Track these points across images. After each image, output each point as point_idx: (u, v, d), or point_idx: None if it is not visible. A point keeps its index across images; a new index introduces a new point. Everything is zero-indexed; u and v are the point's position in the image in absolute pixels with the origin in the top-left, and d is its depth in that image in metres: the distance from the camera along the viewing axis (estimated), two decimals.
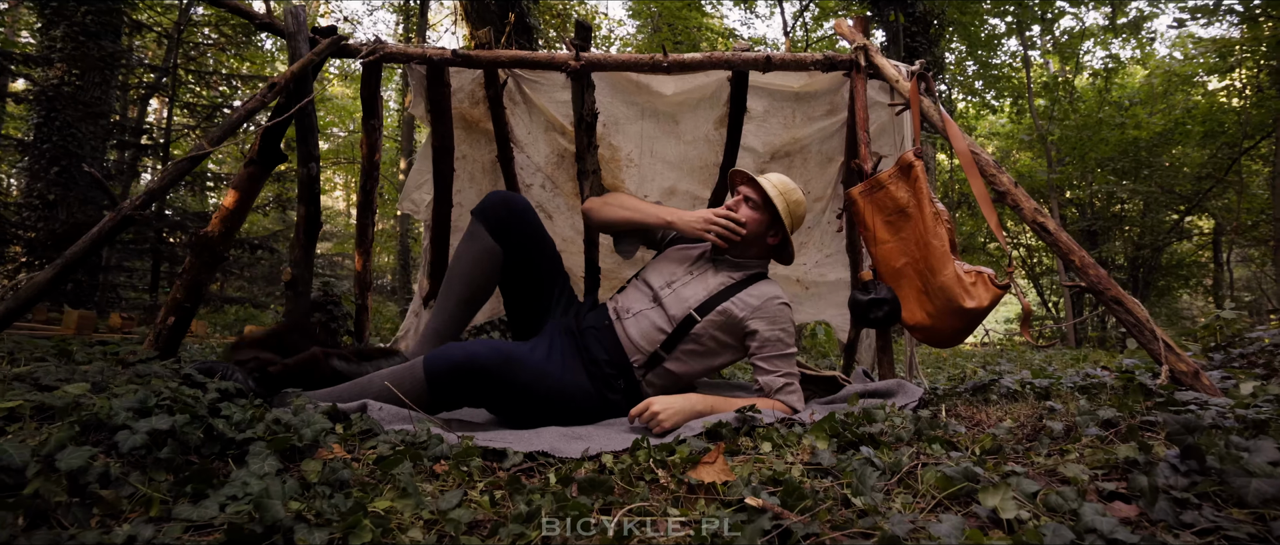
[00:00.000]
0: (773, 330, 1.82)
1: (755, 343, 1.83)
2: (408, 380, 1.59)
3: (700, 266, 1.92)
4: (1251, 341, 2.23)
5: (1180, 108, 11.41)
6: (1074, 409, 1.54)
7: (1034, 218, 1.97)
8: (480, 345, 1.61)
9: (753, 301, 1.84)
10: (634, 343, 1.82)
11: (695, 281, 1.88)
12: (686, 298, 1.84)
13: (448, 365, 1.57)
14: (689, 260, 1.96)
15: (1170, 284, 13.87)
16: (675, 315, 1.82)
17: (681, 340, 1.81)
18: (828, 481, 1.17)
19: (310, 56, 1.95)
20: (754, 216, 1.90)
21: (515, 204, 1.87)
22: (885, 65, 2.36)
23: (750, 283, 1.89)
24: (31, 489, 0.96)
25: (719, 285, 1.86)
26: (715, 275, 1.89)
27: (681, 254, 2.00)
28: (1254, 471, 0.97)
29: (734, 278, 1.89)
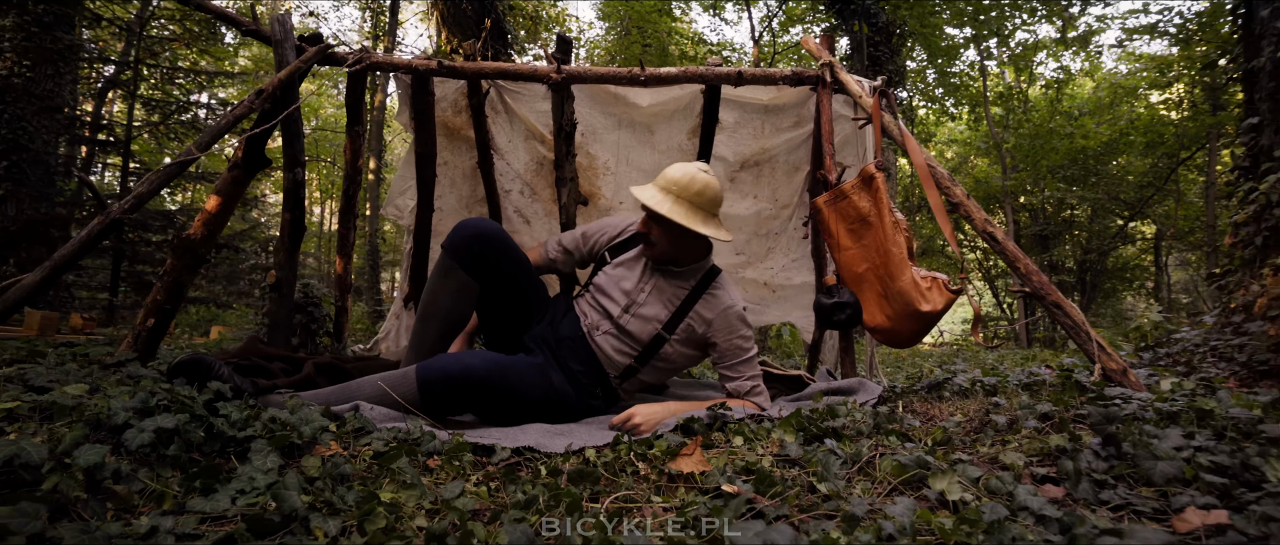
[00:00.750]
0: (731, 340, 1.90)
1: (717, 354, 1.92)
2: (401, 386, 1.63)
3: (650, 278, 1.93)
4: (1176, 342, 2.43)
5: (1125, 119, 11.98)
6: (1016, 404, 1.69)
7: (984, 228, 2.12)
8: (474, 357, 1.65)
9: (708, 315, 1.89)
10: (609, 357, 1.88)
11: (651, 297, 1.90)
12: (649, 317, 1.88)
13: (442, 376, 1.61)
14: (637, 275, 1.95)
15: (1115, 286, 14.54)
16: (642, 336, 1.87)
17: (652, 357, 1.90)
18: (795, 471, 1.28)
19: (297, 64, 2.00)
20: (661, 234, 1.87)
21: (488, 235, 1.83)
22: (849, 81, 2.51)
23: (704, 288, 1.92)
24: (50, 485, 1.01)
25: (676, 297, 1.90)
26: (669, 285, 1.92)
27: (628, 269, 1.98)
28: (1160, 456, 1.11)
29: (687, 285, 1.92)
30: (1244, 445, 1.18)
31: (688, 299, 1.91)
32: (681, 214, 1.80)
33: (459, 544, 0.87)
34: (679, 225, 1.83)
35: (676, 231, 1.86)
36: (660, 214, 1.81)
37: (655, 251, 1.89)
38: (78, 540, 0.85)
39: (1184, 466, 1.09)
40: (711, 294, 1.91)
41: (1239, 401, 1.44)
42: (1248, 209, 2.24)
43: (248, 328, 4.76)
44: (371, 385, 1.67)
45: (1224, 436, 1.26)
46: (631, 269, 1.98)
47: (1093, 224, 13.55)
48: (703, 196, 1.85)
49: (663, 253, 1.89)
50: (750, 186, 2.88)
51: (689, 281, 1.94)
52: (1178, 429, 1.26)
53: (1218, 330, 2.30)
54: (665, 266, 1.94)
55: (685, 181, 1.85)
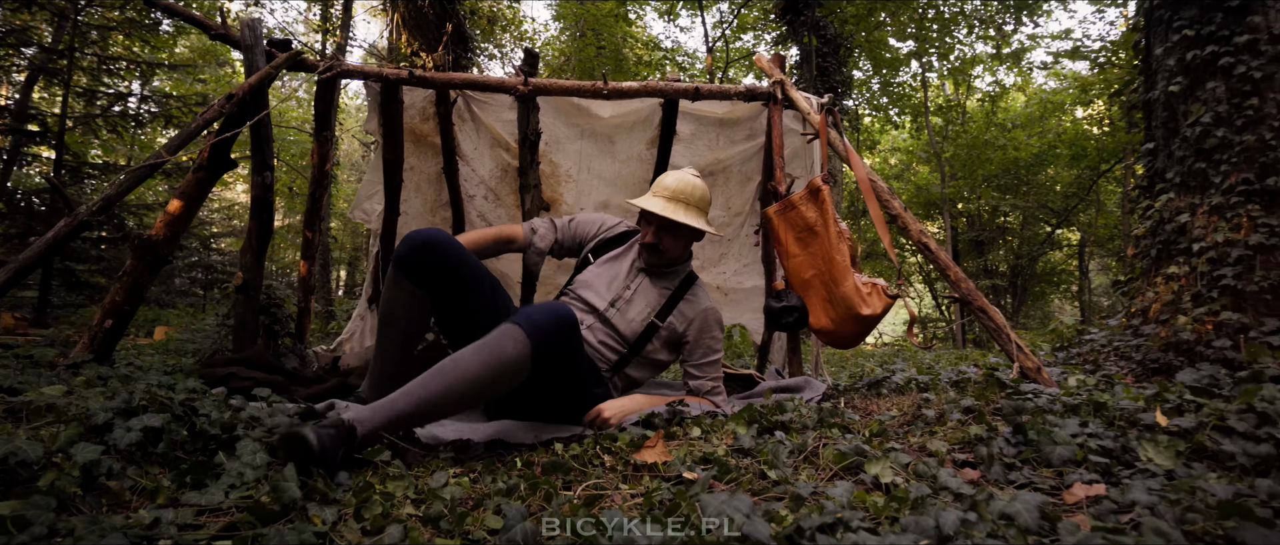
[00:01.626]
0: (703, 340, 2.04)
1: (687, 351, 2.05)
2: (510, 345, 1.53)
3: (636, 278, 2.04)
4: (1086, 342, 2.68)
5: (1052, 132, 12.73)
6: (944, 399, 1.87)
7: (919, 238, 2.31)
8: (560, 304, 1.62)
9: (690, 314, 2.03)
10: (597, 350, 1.96)
11: (638, 297, 2.00)
12: (633, 317, 1.97)
13: (552, 320, 1.56)
14: (623, 274, 2.05)
15: (1044, 289, 15.39)
16: (628, 333, 1.97)
17: (637, 355, 2.00)
18: (748, 460, 1.41)
19: (267, 70, 2.03)
20: (672, 241, 2.02)
21: (434, 245, 1.74)
22: (799, 99, 2.67)
23: (684, 290, 2.05)
24: (46, 481, 1.06)
25: (660, 298, 2.01)
26: (652, 287, 2.03)
27: (614, 267, 2.07)
28: (1059, 442, 1.29)
29: (670, 287, 2.04)
30: (1128, 431, 1.37)
31: (671, 299, 2.03)
32: (694, 219, 1.98)
33: (453, 527, 0.96)
34: (692, 230, 2.00)
35: (688, 236, 2.02)
36: (679, 222, 1.96)
37: (665, 257, 2.01)
38: (89, 531, 0.91)
39: (1077, 450, 1.27)
40: (693, 295, 2.06)
41: (1128, 394, 1.65)
42: (1145, 224, 2.51)
43: (198, 329, 4.65)
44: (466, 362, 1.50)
45: (1113, 424, 1.45)
46: (617, 268, 2.07)
47: (1024, 231, 14.32)
48: (704, 200, 2.05)
49: (671, 257, 2.02)
50: None
51: (673, 283, 2.07)
52: (1076, 419, 1.45)
53: (1120, 332, 2.55)
54: (657, 269, 2.06)
55: (688, 189, 2.01)
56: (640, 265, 2.07)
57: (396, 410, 1.43)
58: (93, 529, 0.91)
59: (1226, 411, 1.33)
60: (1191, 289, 2.26)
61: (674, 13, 11.23)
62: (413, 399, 1.44)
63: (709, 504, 0.86)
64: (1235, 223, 2.19)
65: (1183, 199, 2.39)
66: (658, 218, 1.99)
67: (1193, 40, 2.36)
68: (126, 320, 2.29)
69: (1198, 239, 2.30)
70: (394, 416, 1.42)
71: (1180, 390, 1.61)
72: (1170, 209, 2.41)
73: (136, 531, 0.95)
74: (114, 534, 0.90)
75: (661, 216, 1.96)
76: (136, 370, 2.13)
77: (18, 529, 0.85)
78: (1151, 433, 1.34)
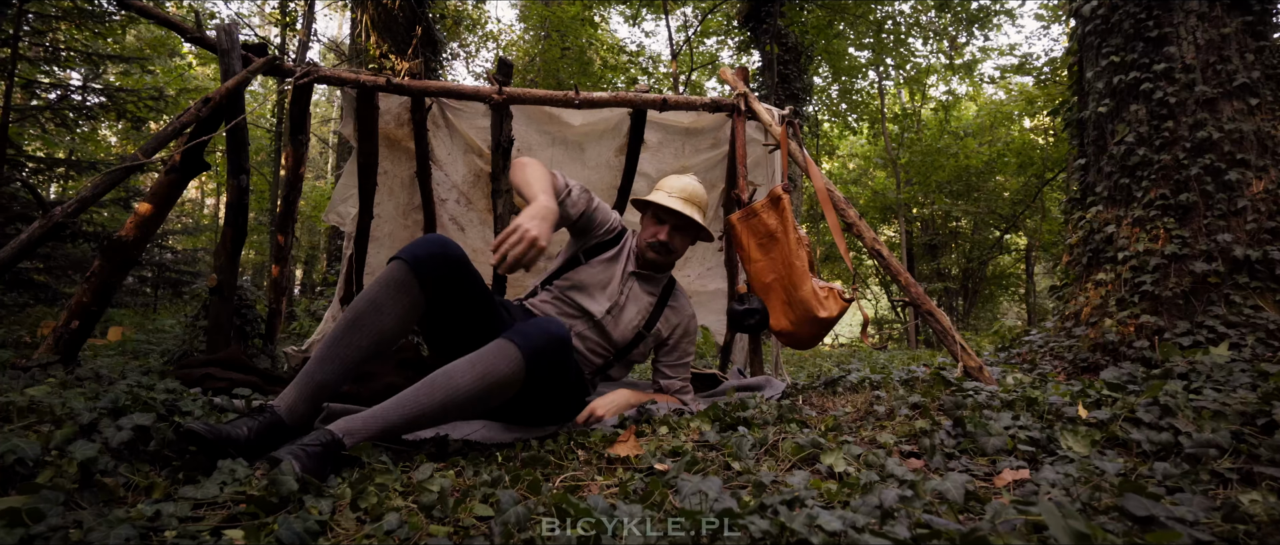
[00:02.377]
0: (682, 344, 2.14)
1: (664, 352, 2.14)
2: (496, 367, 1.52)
3: (628, 283, 2.05)
4: (1026, 343, 2.88)
5: (1001, 141, 13.28)
6: (894, 397, 2.02)
7: (872, 245, 2.46)
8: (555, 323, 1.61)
9: (676, 320, 2.12)
10: (586, 358, 2.00)
11: (630, 303, 2.03)
12: (625, 323, 2.01)
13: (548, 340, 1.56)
14: (618, 277, 2.04)
15: (993, 292, 16.02)
16: (619, 340, 2.02)
17: (622, 359, 2.08)
18: (714, 453, 1.52)
19: (243, 74, 2.06)
20: (683, 241, 2.07)
21: (455, 259, 1.63)
22: (761, 111, 2.80)
23: (668, 295, 2.11)
24: (45, 478, 1.10)
25: (649, 305, 2.06)
26: (642, 293, 2.05)
27: (609, 270, 2.05)
28: (992, 433, 1.43)
29: (656, 292, 2.08)
30: (1053, 424, 1.53)
31: (658, 304, 2.09)
32: (706, 221, 2.05)
33: (447, 514, 1.04)
34: (697, 232, 2.05)
35: (693, 238, 2.08)
36: (694, 222, 2.00)
37: (663, 260, 2.04)
38: (97, 524, 0.96)
39: (1008, 440, 1.42)
40: (676, 301, 2.14)
41: (1057, 391, 1.82)
42: (1078, 233, 2.71)
43: (155, 329, 4.57)
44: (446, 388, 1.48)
45: (1042, 417, 1.61)
46: (612, 271, 2.06)
47: (974, 235, 14.88)
48: (707, 204, 2.12)
49: (669, 262, 2.06)
50: None
51: (658, 288, 2.11)
52: (1010, 413, 1.60)
53: (1055, 334, 2.76)
54: (650, 273, 2.08)
55: (696, 192, 2.06)
56: (633, 269, 2.07)
57: (387, 422, 1.43)
58: (101, 522, 0.97)
59: (1135, 404, 1.50)
60: (1116, 294, 2.47)
61: (639, 17, 11.35)
62: (404, 412, 1.44)
63: (684, 486, 0.96)
64: (1154, 234, 2.39)
65: (1110, 211, 2.59)
66: (676, 215, 2.00)
67: (1118, 66, 2.57)
68: (94, 321, 2.29)
69: (1122, 248, 2.50)
70: (385, 428, 1.43)
71: (1100, 387, 1.78)
72: (1099, 220, 2.61)
73: (140, 524, 1.00)
74: (121, 526, 0.95)
75: (683, 215, 1.98)
76: (104, 371, 2.12)
77: (33, 520, 0.90)
78: (1073, 424, 1.50)
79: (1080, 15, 2.77)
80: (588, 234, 2.08)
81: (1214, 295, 2.24)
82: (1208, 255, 2.28)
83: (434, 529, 1.00)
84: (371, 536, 0.98)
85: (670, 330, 2.11)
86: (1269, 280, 2.17)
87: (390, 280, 1.58)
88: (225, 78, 2.08)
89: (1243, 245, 2.23)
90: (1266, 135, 2.30)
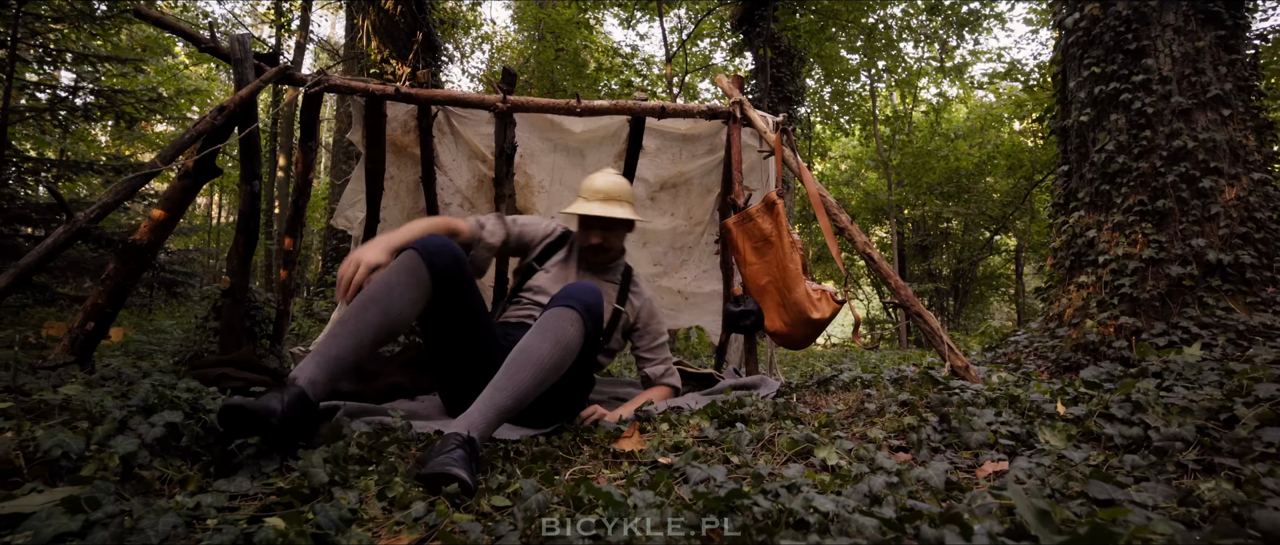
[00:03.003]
0: (651, 325, 2.23)
1: (638, 338, 2.23)
2: (570, 325, 1.62)
3: (584, 278, 2.17)
4: (1011, 343, 2.98)
5: (991, 144, 13.44)
6: (884, 395, 2.11)
7: (864, 249, 2.55)
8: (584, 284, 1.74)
9: (638, 304, 2.22)
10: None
11: None
12: None
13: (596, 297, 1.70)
14: (572, 275, 2.18)
15: (984, 292, 16.20)
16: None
17: (603, 347, 2.18)
18: (713, 447, 1.61)
19: (257, 83, 2.13)
20: (615, 238, 2.16)
21: (460, 255, 1.72)
22: (756, 118, 2.89)
23: (628, 282, 2.22)
24: (89, 471, 1.17)
25: (612, 291, 2.17)
26: (602, 281, 2.18)
27: (564, 271, 2.18)
28: (975, 428, 1.52)
29: (615, 280, 2.21)
30: (1033, 419, 1.62)
31: (619, 293, 2.20)
32: (629, 212, 2.12)
33: (470, 503, 1.12)
34: (631, 223, 2.16)
35: (624, 230, 2.17)
36: (624, 219, 2.10)
37: (606, 257, 2.15)
38: (146, 512, 1.03)
39: (990, 435, 1.51)
40: (635, 287, 2.25)
41: (1038, 389, 1.91)
42: (1061, 237, 2.81)
43: (156, 329, 4.61)
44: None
45: (1023, 414, 1.70)
46: (566, 271, 2.19)
47: (965, 236, 15.06)
48: (630, 193, 2.18)
49: (613, 255, 2.17)
50: (668, 205, 3.22)
51: (616, 276, 2.24)
52: (993, 410, 1.69)
53: (1039, 334, 2.86)
54: (599, 266, 2.21)
55: (617, 187, 2.14)
56: (582, 266, 2.20)
57: (500, 408, 1.46)
58: (148, 511, 1.04)
59: (1110, 401, 1.59)
60: (1097, 296, 2.57)
61: (633, 20, 11.43)
62: (510, 393, 1.48)
63: (693, 474, 1.04)
64: (1132, 238, 2.50)
65: (1092, 216, 2.70)
66: (600, 219, 2.10)
67: (1099, 76, 2.67)
68: (108, 322, 2.35)
69: (1103, 252, 2.61)
70: (500, 416, 1.46)
71: (1079, 385, 1.88)
72: (1081, 225, 2.72)
73: (184, 513, 1.07)
74: (167, 515, 1.03)
75: (605, 218, 2.09)
76: (126, 372, 2.18)
77: (91, 508, 0.98)
78: (1051, 420, 1.59)
79: (1064, 27, 2.87)
80: (529, 249, 2.21)
81: (1188, 298, 2.34)
82: (1183, 259, 2.38)
83: (458, 517, 1.08)
84: (402, 524, 1.06)
85: (635, 313, 2.21)
86: (1240, 283, 2.28)
87: (404, 267, 1.63)
88: (238, 86, 2.14)
89: (1216, 250, 2.34)
90: (1238, 144, 2.41)
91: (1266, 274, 2.29)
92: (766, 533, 0.78)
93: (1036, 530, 0.71)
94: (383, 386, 2.31)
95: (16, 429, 1.28)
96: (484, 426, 1.41)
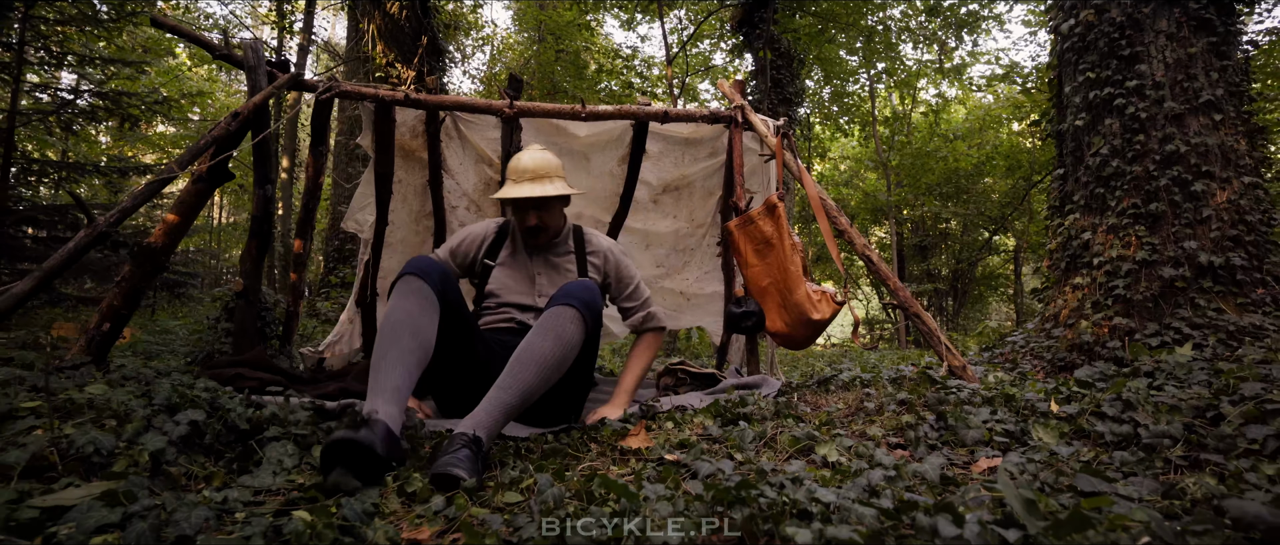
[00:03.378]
0: (621, 270, 2.17)
1: (614, 290, 2.20)
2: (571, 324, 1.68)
3: (537, 263, 2.14)
4: (1008, 343, 3.03)
5: (990, 145, 13.50)
6: (883, 394, 2.16)
7: (863, 251, 2.60)
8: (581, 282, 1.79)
9: (597, 258, 2.16)
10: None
11: (548, 278, 2.11)
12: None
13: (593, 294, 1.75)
14: (523, 266, 2.14)
15: (983, 293, 16.25)
16: None
17: None
18: (717, 445, 1.66)
19: (270, 90, 2.18)
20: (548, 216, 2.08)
21: (449, 271, 1.83)
22: (757, 122, 2.94)
23: (582, 244, 2.17)
24: (120, 466, 1.22)
25: (567, 265, 2.14)
26: (557, 260, 2.14)
27: (517, 262, 2.14)
28: (971, 426, 1.57)
29: (569, 250, 2.16)
30: (1028, 418, 1.67)
31: (578, 258, 2.17)
32: (561, 187, 2.04)
33: (487, 499, 1.17)
34: (564, 197, 2.09)
35: (560, 205, 2.11)
36: (556, 195, 2.01)
37: (547, 236, 2.10)
38: (178, 505, 1.08)
39: (985, 432, 1.56)
40: (589, 241, 2.19)
41: (1033, 388, 1.96)
42: (1057, 239, 2.87)
43: (162, 329, 4.66)
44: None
45: (1018, 412, 1.75)
46: (519, 261, 2.14)
47: (964, 236, 15.11)
48: (559, 167, 2.10)
49: (553, 232, 2.11)
50: (671, 207, 3.27)
51: (567, 245, 2.18)
52: (988, 408, 1.74)
53: (1036, 335, 2.91)
54: (545, 246, 2.15)
55: (546, 163, 2.06)
56: (528, 251, 2.16)
57: (505, 406, 1.51)
58: (180, 504, 1.09)
59: (1101, 400, 1.64)
60: (1092, 298, 2.62)
61: (634, 21, 11.48)
62: (515, 392, 1.54)
63: (702, 467, 1.09)
64: (1126, 241, 2.55)
65: (1086, 219, 2.75)
66: (530, 200, 2.03)
67: (1094, 82, 2.73)
68: (123, 324, 2.40)
69: (1098, 254, 2.66)
70: (505, 414, 1.51)
71: (1072, 384, 1.93)
72: (1076, 227, 2.77)
73: (214, 506, 1.12)
74: (199, 508, 1.08)
75: (534, 198, 2.01)
76: (144, 372, 2.23)
77: (128, 501, 1.02)
78: (1045, 418, 1.64)
79: (1059, 33, 2.92)
80: (475, 260, 2.17)
81: (1181, 299, 2.39)
82: (1175, 261, 2.43)
83: (475, 510, 1.13)
84: (422, 517, 1.11)
85: (600, 268, 2.16)
86: (1231, 284, 2.33)
87: (412, 291, 1.69)
88: (252, 93, 2.19)
89: (1207, 252, 2.39)
90: (1230, 148, 2.46)
91: (1257, 276, 2.34)
92: (772, 521, 0.83)
93: (1024, 519, 0.76)
94: None
95: (47, 427, 1.32)
96: (490, 425, 1.46)
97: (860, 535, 0.77)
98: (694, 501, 0.93)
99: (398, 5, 4.19)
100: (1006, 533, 0.76)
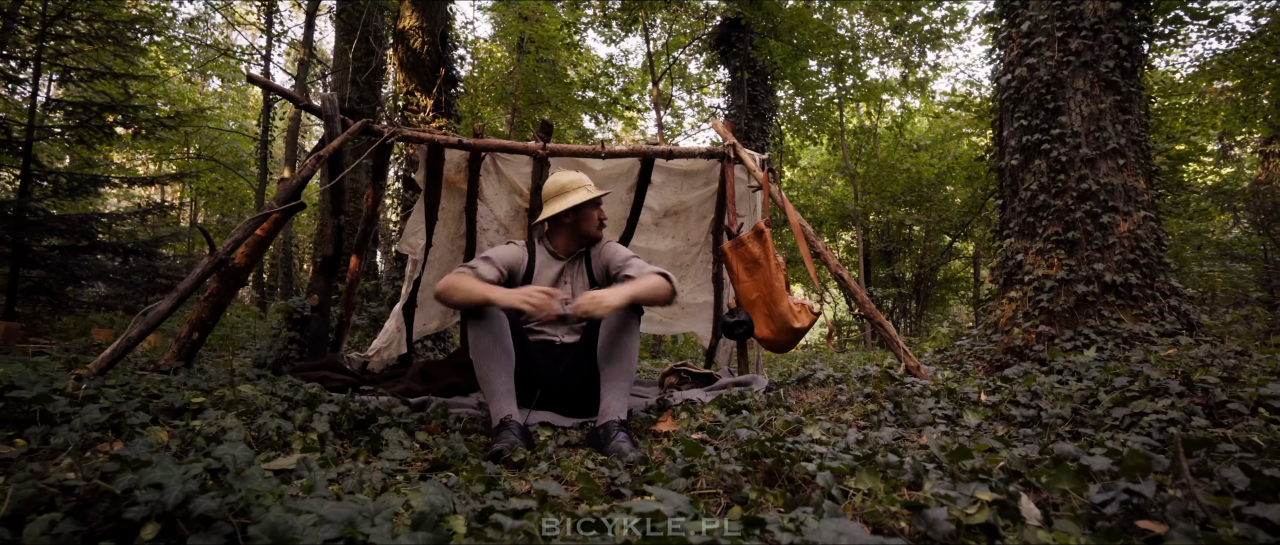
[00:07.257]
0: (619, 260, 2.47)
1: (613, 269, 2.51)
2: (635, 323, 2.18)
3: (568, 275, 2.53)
4: (957, 347, 3.58)
5: (951, 155, 14.28)
6: (852, 389, 2.66)
7: (836, 270, 3.11)
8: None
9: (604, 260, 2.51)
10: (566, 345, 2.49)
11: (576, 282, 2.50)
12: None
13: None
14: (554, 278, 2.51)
15: (944, 295, 17.09)
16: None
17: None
18: (724, 428, 2.13)
19: (345, 136, 2.59)
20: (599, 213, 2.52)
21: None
22: (747, 157, 3.43)
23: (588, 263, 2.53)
24: (299, 445, 1.65)
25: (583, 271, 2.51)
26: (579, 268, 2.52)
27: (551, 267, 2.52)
28: (919, 413, 2.08)
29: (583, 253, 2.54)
30: (963, 405, 2.18)
31: (589, 268, 2.54)
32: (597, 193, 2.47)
33: (551, 467, 1.63)
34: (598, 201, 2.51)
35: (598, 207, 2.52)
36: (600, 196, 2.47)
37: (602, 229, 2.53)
38: (353, 472, 1.51)
39: (930, 416, 2.06)
40: (602, 255, 2.55)
41: (971, 383, 2.49)
42: (997, 258, 3.41)
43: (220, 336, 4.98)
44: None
45: (957, 402, 2.27)
46: (542, 279, 2.50)
47: (927, 242, 15.89)
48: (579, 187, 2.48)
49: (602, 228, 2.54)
50: (670, 229, 3.75)
51: (582, 258, 2.56)
52: (934, 399, 2.25)
53: (979, 340, 3.46)
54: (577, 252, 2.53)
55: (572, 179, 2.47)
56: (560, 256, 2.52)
57: (624, 391, 2.06)
58: (354, 471, 1.52)
59: (1017, 391, 2.16)
60: (1023, 308, 3.17)
61: (615, 36, 11.95)
62: (628, 377, 2.09)
63: (741, 434, 1.57)
64: (1050, 261, 3.10)
65: (1020, 242, 3.30)
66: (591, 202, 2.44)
67: (1026, 128, 3.28)
68: (207, 332, 2.78)
69: (1028, 272, 3.21)
70: (625, 397, 2.05)
71: (998, 380, 2.45)
72: (1012, 249, 3.32)
73: (375, 475, 1.55)
74: (373, 473, 1.51)
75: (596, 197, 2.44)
76: (216, 374, 2.62)
77: (322, 467, 1.45)
78: (975, 405, 2.16)
79: (1000, 84, 3.47)
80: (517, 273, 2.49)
81: (1091, 310, 2.95)
82: (1087, 279, 2.98)
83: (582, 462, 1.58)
84: (535, 474, 1.56)
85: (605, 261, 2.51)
86: (1129, 299, 2.88)
87: (497, 317, 2.11)
88: (329, 139, 2.60)
89: (1112, 272, 2.94)
90: (1131, 187, 3.02)
91: (1149, 292, 2.91)
92: (789, 463, 1.31)
93: (938, 455, 1.24)
94: (444, 385, 2.79)
95: (238, 416, 1.74)
96: (622, 409, 2.00)
97: (843, 466, 1.26)
98: (737, 450, 1.41)
99: (421, 41, 4.58)
100: (928, 465, 1.25)
